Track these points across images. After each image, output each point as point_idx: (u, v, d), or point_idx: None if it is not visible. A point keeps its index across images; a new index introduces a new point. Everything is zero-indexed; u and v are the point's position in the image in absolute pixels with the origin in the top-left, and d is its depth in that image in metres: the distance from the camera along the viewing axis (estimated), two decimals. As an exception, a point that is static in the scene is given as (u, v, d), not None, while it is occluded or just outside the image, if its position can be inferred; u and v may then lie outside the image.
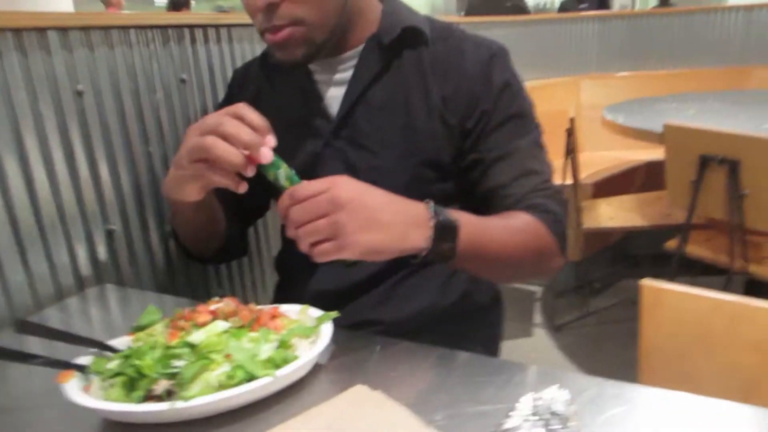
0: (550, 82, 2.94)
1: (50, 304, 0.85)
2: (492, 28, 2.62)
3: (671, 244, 1.77)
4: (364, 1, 0.82)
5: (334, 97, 0.84)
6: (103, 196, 0.91)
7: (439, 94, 0.80)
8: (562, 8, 4.59)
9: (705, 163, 1.56)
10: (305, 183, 0.61)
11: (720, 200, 1.57)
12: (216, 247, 0.91)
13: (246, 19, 0.81)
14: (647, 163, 2.54)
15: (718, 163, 1.53)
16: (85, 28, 0.86)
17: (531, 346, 2.18)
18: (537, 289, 2.57)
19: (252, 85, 0.93)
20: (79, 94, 0.86)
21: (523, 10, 3.96)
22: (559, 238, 0.78)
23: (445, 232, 0.64)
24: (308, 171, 0.84)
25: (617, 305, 2.39)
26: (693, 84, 2.89)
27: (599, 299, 2.46)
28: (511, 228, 0.75)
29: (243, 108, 0.62)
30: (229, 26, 1.10)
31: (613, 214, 2.10)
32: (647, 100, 2.43)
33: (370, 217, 0.59)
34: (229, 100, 0.97)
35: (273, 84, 0.91)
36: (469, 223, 0.67)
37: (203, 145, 0.60)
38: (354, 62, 0.82)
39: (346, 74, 0.83)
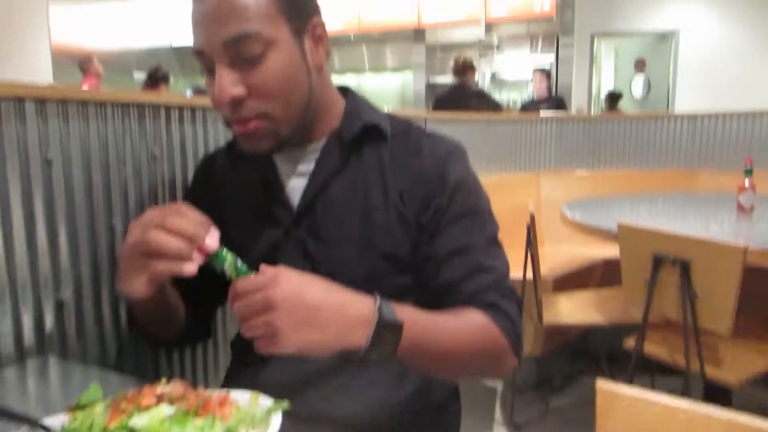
0: (512, 177, 3.07)
1: (-14, 375, 0.80)
2: (456, 125, 2.75)
3: (629, 342, 1.79)
4: (329, 97, 0.85)
5: (295, 188, 0.86)
6: (59, 264, 0.89)
7: (397, 188, 0.82)
8: (523, 108, 4.89)
9: (658, 262, 1.62)
10: (246, 278, 0.63)
11: (674, 300, 1.62)
12: (175, 335, 0.90)
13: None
14: (605, 260, 2.62)
15: (670, 263, 1.59)
16: (63, 101, 0.88)
17: (490, 442, 2.12)
18: (497, 385, 2.53)
19: (217, 173, 0.95)
20: (48, 163, 0.86)
21: (496, 105, 4.19)
22: (512, 338, 0.77)
23: (386, 331, 0.64)
24: (268, 260, 0.83)
25: (576, 404, 2.37)
26: (644, 184, 3.06)
27: (559, 397, 2.44)
28: (460, 328, 0.75)
29: (184, 206, 0.66)
30: (204, 109, 1.14)
31: (572, 309, 2.13)
32: (603, 200, 2.55)
33: (306, 317, 0.61)
34: (195, 188, 0.99)
35: (238, 172, 0.92)
36: (414, 323, 0.67)
37: (147, 238, 0.63)
38: (316, 155, 0.85)
39: (308, 166, 0.85)
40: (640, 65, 6.79)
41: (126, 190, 1.00)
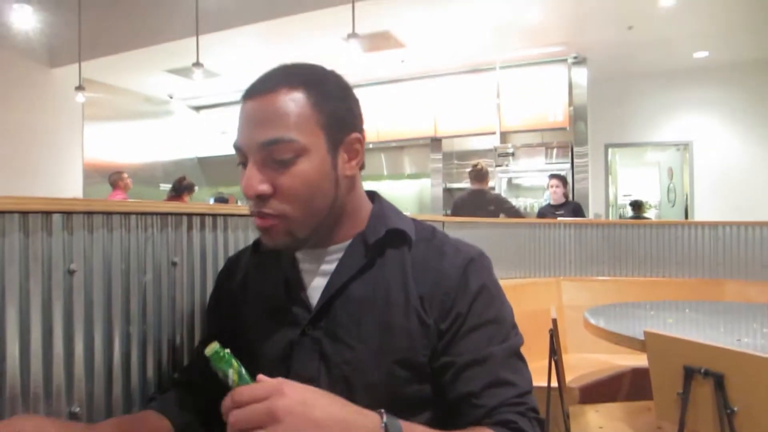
0: (532, 282, 3.03)
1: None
2: (475, 227, 2.78)
3: (664, 460, 1.67)
4: (356, 203, 0.87)
5: (316, 287, 0.86)
6: (73, 376, 0.88)
7: (418, 293, 0.82)
8: (540, 214, 4.92)
9: (690, 374, 1.54)
10: (249, 386, 0.61)
11: (710, 415, 1.52)
12: None
13: (241, 210, 0.87)
14: (633, 369, 2.51)
15: (703, 375, 1.51)
16: (89, 213, 0.91)
17: None
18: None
19: (240, 273, 0.97)
20: (71, 273, 0.88)
21: (515, 211, 4.24)
22: None
23: None
24: (283, 359, 0.84)
25: None
26: (668, 292, 2.99)
27: None
28: None
29: None
30: (225, 216, 1.17)
31: (602, 423, 2.01)
32: (627, 306, 2.49)
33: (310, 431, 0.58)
34: (218, 288, 1.01)
35: (261, 270, 0.93)
36: None
37: None
38: (339, 255, 0.86)
39: (330, 266, 0.86)
40: (670, 173, 6.86)
41: (145, 297, 1.01)
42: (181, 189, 5.29)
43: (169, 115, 8.19)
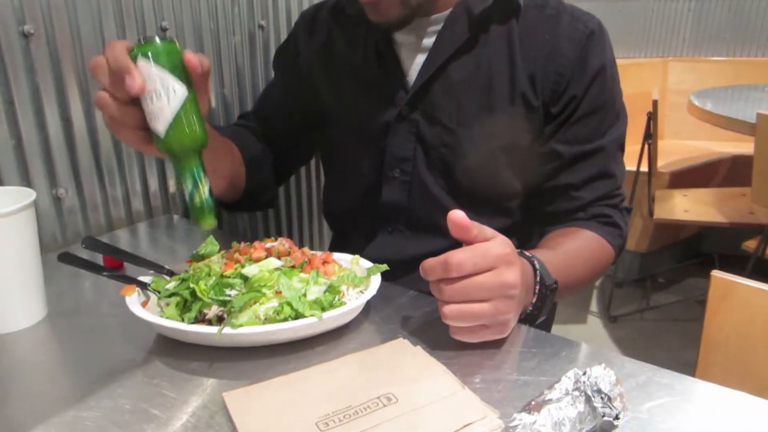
0: (635, 62, 2.77)
1: (121, 226, 0.90)
2: (578, 1, 2.48)
3: (749, 244, 1.67)
4: None
5: (412, 63, 0.78)
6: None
7: (527, 71, 0.74)
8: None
9: (799, 160, 1.44)
10: (464, 250, 0.51)
11: (811, 203, 1.46)
12: (236, 198, 0.84)
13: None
14: (733, 157, 2.38)
15: (814, 162, 1.41)
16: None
17: (583, 333, 2.13)
18: (596, 277, 2.49)
19: (321, 33, 0.86)
20: (163, 30, 0.89)
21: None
22: (619, 250, 0.78)
23: (548, 295, 0.61)
24: (377, 138, 0.80)
25: (680, 302, 2.28)
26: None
27: (661, 294, 2.36)
28: (587, 260, 0.74)
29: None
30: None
31: (688, 206, 1.99)
32: (741, 88, 2.26)
33: (520, 300, 0.54)
34: (295, 42, 0.89)
35: (346, 34, 0.83)
36: (561, 274, 0.63)
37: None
38: (438, 27, 0.76)
39: (427, 40, 0.77)
40: None
41: (235, 59, 1.01)
42: None
43: None
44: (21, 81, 0.75)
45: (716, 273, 0.71)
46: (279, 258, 0.59)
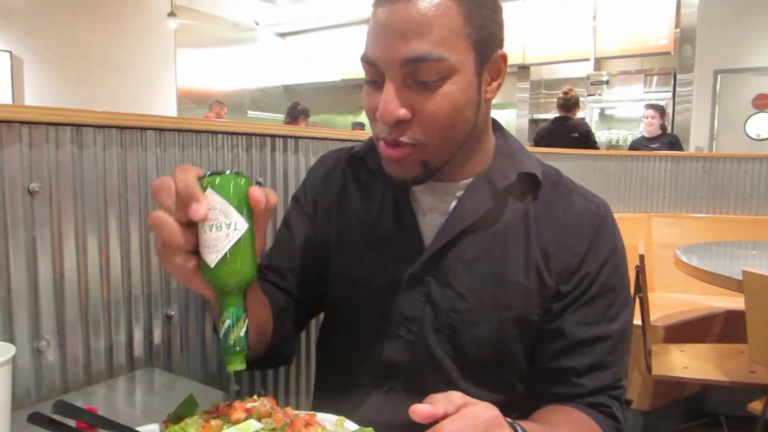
0: (620, 216, 2.86)
1: (100, 380, 0.86)
2: (560, 159, 2.66)
3: (755, 405, 1.60)
4: (485, 133, 0.77)
5: (429, 224, 0.78)
6: (170, 280, 0.95)
7: (540, 245, 0.75)
8: (632, 147, 4.61)
9: (790, 317, 1.44)
10: (453, 419, 0.52)
11: (809, 361, 1.43)
12: (260, 352, 0.80)
13: (321, 133, 0.86)
14: (727, 312, 2.38)
15: (805, 319, 1.41)
16: (180, 131, 0.95)
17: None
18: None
19: (337, 181, 0.86)
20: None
21: (593, 144, 4.01)
22: None
23: None
24: (386, 294, 0.78)
25: (691, 467, 2.13)
26: (770, 231, 2.74)
27: (669, 457, 2.21)
28: None
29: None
30: (307, 138, 1.18)
31: (687, 362, 1.95)
32: (725, 245, 2.34)
33: None
34: (311, 189, 0.88)
35: (362, 187, 0.83)
36: None
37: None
38: (459, 194, 0.77)
39: (447, 205, 0.77)
40: (760, 102, 6.17)
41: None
42: (296, 114, 5.13)
43: (255, 42, 8.27)
44: (19, 235, 0.77)
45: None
46: (259, 420, 0.57)
